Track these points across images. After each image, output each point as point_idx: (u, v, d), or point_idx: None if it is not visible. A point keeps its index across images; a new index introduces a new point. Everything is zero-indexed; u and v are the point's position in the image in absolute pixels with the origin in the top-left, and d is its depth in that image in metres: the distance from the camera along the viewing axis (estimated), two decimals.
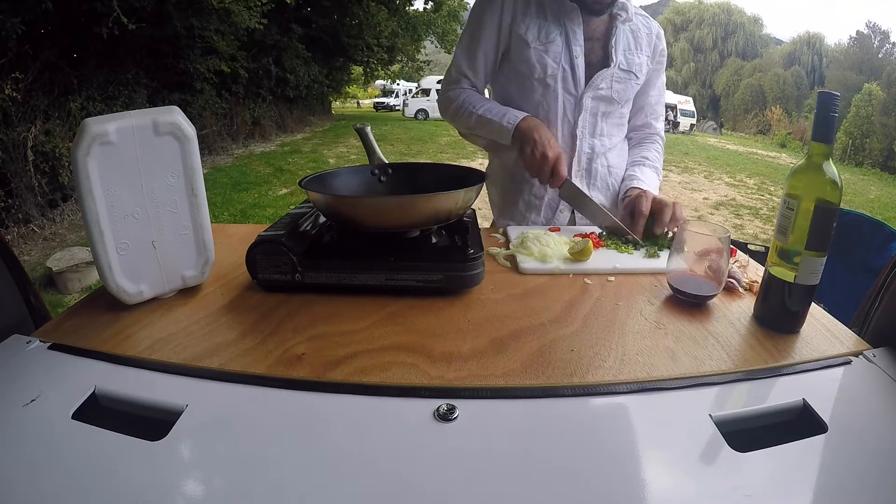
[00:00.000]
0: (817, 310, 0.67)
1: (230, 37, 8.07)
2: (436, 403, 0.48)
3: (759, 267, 0.82)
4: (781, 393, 0.52)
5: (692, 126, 22.18)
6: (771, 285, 0.63)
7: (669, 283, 0.71)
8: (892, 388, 0.52)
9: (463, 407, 0.48)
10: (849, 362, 0.57)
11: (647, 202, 0.94)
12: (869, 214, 1.35)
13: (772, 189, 8.09)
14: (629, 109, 1.17)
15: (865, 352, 0.58)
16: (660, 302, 0.70)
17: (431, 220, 0.73)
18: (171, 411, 0.47)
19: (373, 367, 0.54)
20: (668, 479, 0.42)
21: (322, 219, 0.85)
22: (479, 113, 1.09)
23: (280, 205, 5.65)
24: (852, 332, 0.63)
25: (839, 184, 0.57)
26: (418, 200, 0.71)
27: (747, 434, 0.46)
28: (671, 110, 21.01)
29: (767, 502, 0.39)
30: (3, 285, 0.63)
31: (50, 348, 0.57)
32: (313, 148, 9.96)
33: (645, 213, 0.93)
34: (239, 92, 9.28)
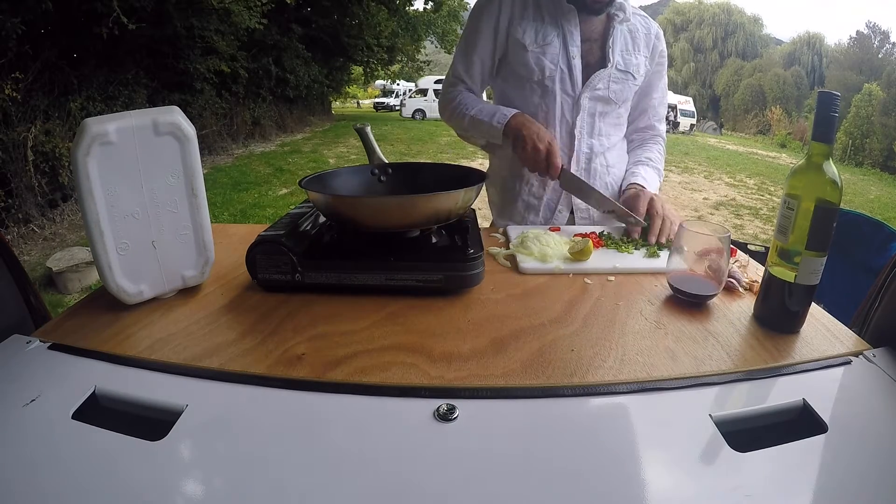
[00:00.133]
0: (817, 310, 0.67)
1: (230, 37, 8.07)
2: (436, 403, 0.48)
3: (760, 267, 0.83)
4: (781, 393, 0.52)
5: (692, 126, 22.17)
6: (771, 285, 0.63)
7: (669, 283, 0.71)
8: (892, 388, 0.52)
9: (463, 407, 0.48)
10: (849, 362, 0.57)
11: (644, 202, 0.96)
12: (869, 214, 1.36)
13: (772, 189, 8.09)
14: (627, 110, 1.17)
15: (865, 352, 0.58)
16: (660, 302, 0.70)
17: (431, 220, 0.73)
18: (171, 411, 0.47)
19: (373, 367, 0.54)
20: (668, 479, 0.42)
21: (322, 219, 0.85)
22: (472, 114, 1.10)
23: (280, 205, 5.65)
24: (852, 332, 0.63)
25: (839, 184, 0.57)
26: (418, 200, 0.71)
27: (747, 434, 0.46)
28: (671, 110, 20.99)
29: (767, 502, 0.39)
30: (3, 285, 0.63)
31: (50, 348, 0.57)
32: (313, 148, 9.96)
33: (642, 212, 0.95)
34: (239, 92, 9.28)
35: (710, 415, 0.47)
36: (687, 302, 0.69)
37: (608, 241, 0.90)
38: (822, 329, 0.63)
